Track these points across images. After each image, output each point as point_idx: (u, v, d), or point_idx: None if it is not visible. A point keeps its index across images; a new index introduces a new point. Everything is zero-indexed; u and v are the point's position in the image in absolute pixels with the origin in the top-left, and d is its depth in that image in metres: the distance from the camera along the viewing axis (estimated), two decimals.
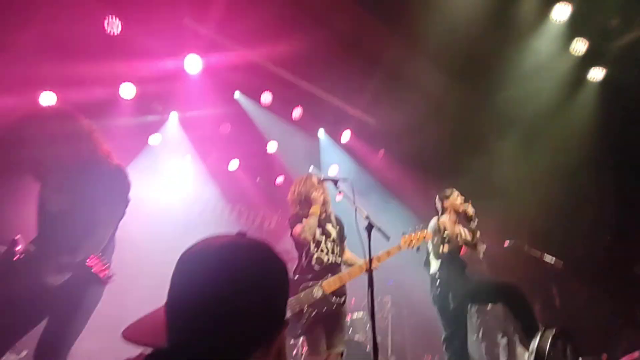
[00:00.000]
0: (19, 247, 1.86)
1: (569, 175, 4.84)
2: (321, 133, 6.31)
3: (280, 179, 6.46)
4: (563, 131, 4.87)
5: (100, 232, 1.95)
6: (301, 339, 3.76)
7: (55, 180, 1.91)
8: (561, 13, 4.31)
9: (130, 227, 2.42)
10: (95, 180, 1.94)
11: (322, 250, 2.96)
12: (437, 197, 3.75)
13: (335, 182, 2.88)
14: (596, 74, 4.96)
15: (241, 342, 0.68)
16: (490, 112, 5.13)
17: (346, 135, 6.24)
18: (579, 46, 4.62)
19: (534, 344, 2.50)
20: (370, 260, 2.40)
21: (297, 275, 2.91)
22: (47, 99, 4.17)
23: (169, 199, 5.98)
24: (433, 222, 3.53)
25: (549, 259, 4.52)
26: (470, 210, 3.50)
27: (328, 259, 2.95)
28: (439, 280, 3.30)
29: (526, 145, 5.11)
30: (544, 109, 4.96)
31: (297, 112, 5.62)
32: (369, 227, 2.49)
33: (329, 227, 3.08)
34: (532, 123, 5.06)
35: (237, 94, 5.36)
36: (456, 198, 3.61)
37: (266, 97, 5.30)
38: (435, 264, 3.41)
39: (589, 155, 4.82)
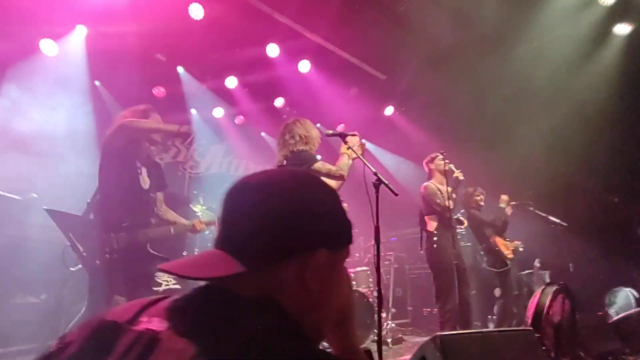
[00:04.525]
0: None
1: (583, 136, 4.71)
2: (328, 88, 6.15)
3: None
4: (580, 91, 4.66)
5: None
6: None
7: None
8: None
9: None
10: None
11: None
12: (424, 162, 3.97)
13: (343, 137, 2.81)
14: (622, 29, 4.69)
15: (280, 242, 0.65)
16: (508, 68, 4.91)
17: (354, 91, 6.08)
18: None
19: (535, 298, 2.56)
20: (378, 216, 2.39)
21: None
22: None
23: (175, 153, 5.97)
24: (426, 186, 3.76)
25: (553, 218, 4.55)
26: (459, 174, 3.65)
27: None
28: (436, 237, 3.44)
29: (542, 104, 4.93)
30: (563, 65, 4.73)
31: (304, 65, 5.45)
32: (377, 183, 2.47)
33: None
34: (550, 79, 4.84)
35: (243, 46, 5.16)
36: (440, 160, 3.78)
37: (272, 49, 5.11)
38: (434, 223, 3.54)
39: (604, 116, 4.66)
